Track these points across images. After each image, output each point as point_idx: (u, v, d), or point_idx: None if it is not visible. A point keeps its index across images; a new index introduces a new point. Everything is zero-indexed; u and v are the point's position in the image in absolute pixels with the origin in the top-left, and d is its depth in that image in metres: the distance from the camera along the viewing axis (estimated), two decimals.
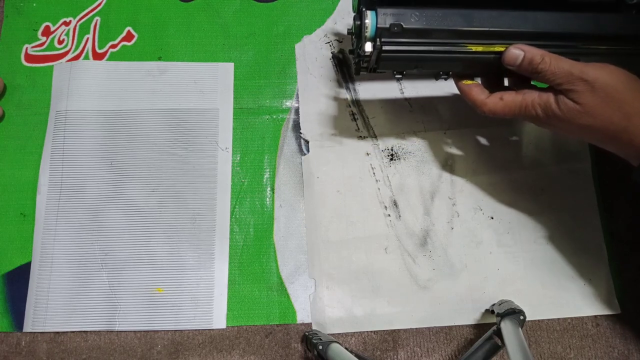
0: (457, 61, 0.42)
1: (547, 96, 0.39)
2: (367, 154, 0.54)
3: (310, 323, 0.49)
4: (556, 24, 0.40)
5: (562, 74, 0.38)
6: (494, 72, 0.43)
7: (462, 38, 0.40)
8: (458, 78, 0.44)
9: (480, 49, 0.41)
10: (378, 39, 0.40)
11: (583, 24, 0.40)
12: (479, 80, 0.45)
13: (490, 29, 0.40)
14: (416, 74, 0.44)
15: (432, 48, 0.41)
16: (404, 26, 0.40)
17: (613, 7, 0.42)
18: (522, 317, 0.45)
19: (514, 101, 0.41)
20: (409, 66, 0.43)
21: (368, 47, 0.40)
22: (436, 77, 0.45)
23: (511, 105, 0.41)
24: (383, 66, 0.43)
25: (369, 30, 0.40)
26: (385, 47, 0.40)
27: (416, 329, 0.49)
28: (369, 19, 0.40)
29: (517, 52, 0.40)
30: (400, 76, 0.44)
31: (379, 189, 0.53)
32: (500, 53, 0.41)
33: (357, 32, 0.42)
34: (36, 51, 0.56)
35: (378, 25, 0.40)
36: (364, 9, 0.40)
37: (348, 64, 0.56)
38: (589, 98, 0.37)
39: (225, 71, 0.56)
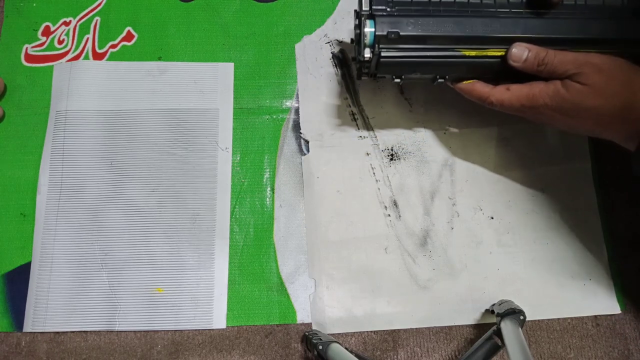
0: (451, 65, 0.43)
1: (554, 83, 0.40)
2: (367, 154, 0.54)
3: (310, 323, 0.49)
4: (545, 29, 0.42)
5: (568, 61, 0.40)
6: (488, 77, 0.44)
7: (455, 43, 0.42)
8: (456, 82, 0.45)
9: (473, 53, 0.42)
10: (377, 46, 0.42)
11: (570, 29, 0.42)
12: None
13: (482, 35, 0.42)
14: (414, 78, 0.45)
15: (427, 53, 0.43)
16: (400, 33, 0.42)
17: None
18: (522, 317, 0.45)
19: (522, 90, 0.42)
20: (407, 71, 0.44)
21: (367, 53, 0.43)
22: (433, 80, 0.46)
23: (519, 95, 0.42)
24: (382, 71, 0.45)
25: (368, 38, 0.42)
26: (383, 53, 0.42)
27: (416, 329, 0.49)
28: (368, 27, 0.42)
29: (522, 50, 0.41)
30: (399, 80, 0.46)
31: (379, 189, 0.53)
32: (494, 57, 0.42)
33: (357, 39, 0.44)
34: (36, 51, 0.56)
35: (376, 33, 0.42)
36: (363, 18, 0.43)
37: (348, 64, 0.56)
38: (597, 78, 0.39)
39: (225, 71, 0.56)
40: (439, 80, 0.45)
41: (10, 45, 0.56)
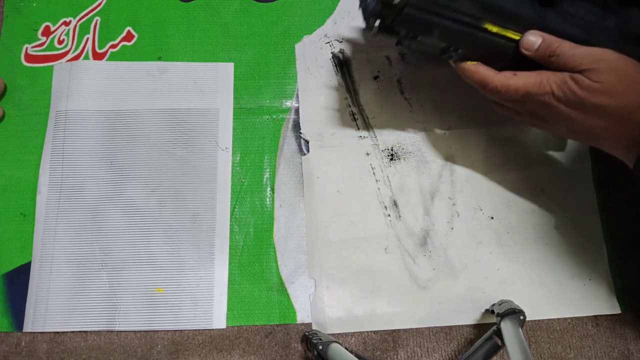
0: (471, 36, 0.42)
1: (562, 74, 0.40)
2: (367, 154, 0.54)
3: (310, 323, 0.49)
4: (574, 26, 0.42)
5: (581, 55, 0.39)
6: (495, 62, 0.44)
7: (484, 13, 0.41)
8: (461, 61, 0.44)
9: (495, 29, 0.42)
10: None
11: (600, 31, 0.42)
12: None
13: (512, 10, 0.41)
14: (426, 44, 0.44)
15: (453, 16, 0.41)
16: None
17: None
18: (522, 317, 0.45)
19: (529, 76, 0.41)
20: (425, 31, 0.42)
21: None
22: (443, 52, 0.44)
23: (525, 81, 0.41)
24: (402, 21, 0.42)
25: None
26: (411, 2, 0.40)
27: (416, 329, 0.49)
28: None
29: (534, 38, 0.41)
30: (413, 40, 0.43)
31: (379, 189, 0.53)
32: (510, 40, 0.42)
33: None
34: (36, 51, 0.56)
35: None
36: None
37: (348, 64, 0.56)
38: (610, 76, 0.38)
39: (225, 71, 0.56)
40: (451, 53, 0.43)
41: (10, 45, 0.56)
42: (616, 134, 0.40)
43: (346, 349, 0.44)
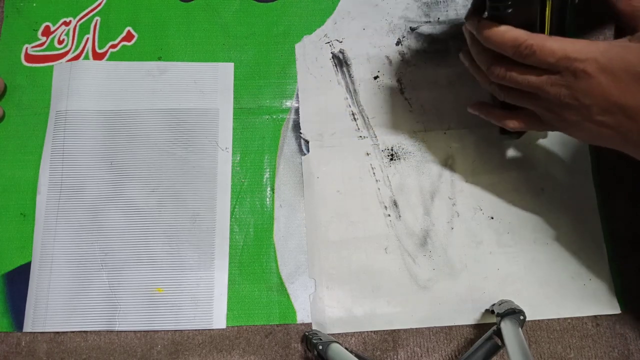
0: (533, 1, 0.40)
1: (607, 41, 0.37)
2: (367, 154, 0.54)
3: (310, 323, 0.49)
4: None
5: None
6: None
7: None
8: (494, 22, 0.39)
9: (547, 12, 0.40)
10: None
11: None
12: None
13: (567, 10, 0.40)
14: None
15: None
16: None
17: None
18: (522, 317, 0.45)
19: (565, 41, 0.37)
20: None
21: None
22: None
23: (562, 44, 0.37)
24: None
25: None
26: None
27: (416, 329, 0.49)
28: None
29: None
30: None
31: (379, 189, 0.53)
32: (542, 27, 0.41)
33: None
34: (36, 51, 0.56)
35: None
36: None
37: (348, 64, 0.56)
38: None
39: (225, 71, 0.56)
40: (502, 4, 0.39)
41: (10, 45, 0.56)
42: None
43: (346, 349, 0.44)
